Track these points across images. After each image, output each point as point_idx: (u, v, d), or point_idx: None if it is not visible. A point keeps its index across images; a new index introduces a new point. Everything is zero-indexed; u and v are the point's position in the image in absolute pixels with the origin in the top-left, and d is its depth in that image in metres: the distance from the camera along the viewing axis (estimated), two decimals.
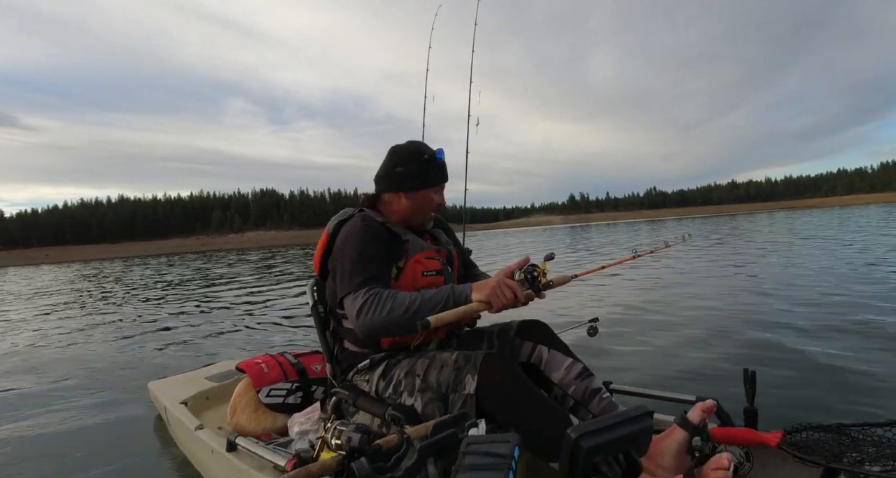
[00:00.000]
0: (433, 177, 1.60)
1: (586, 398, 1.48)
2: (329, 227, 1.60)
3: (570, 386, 1.50)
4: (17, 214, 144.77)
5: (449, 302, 1.40)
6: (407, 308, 1.36)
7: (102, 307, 9.17)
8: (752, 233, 18.47)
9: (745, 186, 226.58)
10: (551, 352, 1.55)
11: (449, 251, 1.71)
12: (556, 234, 37.47)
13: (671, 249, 1.94)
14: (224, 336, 5.37)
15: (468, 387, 1.32)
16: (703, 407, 1.32)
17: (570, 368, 1.52)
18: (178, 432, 2.26)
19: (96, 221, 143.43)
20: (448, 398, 1.35)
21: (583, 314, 4.92)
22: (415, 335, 1.52)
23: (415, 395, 1.40)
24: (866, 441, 1.21)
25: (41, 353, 5.26)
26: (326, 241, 1.60)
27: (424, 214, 1.65)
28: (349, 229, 1.54)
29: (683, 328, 4.19)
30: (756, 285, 6.19)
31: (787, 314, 4.39)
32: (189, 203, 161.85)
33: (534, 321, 1.65)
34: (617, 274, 7.95)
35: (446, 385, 1.36)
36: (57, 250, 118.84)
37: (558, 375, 1.52)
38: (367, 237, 1.50)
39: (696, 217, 75.51)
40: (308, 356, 2.18)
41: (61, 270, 34.33)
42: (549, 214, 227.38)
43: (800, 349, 3.35)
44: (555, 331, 1.66)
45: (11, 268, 59.29)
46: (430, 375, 1.40)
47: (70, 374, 4.17)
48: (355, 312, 1.38)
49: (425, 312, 1.36)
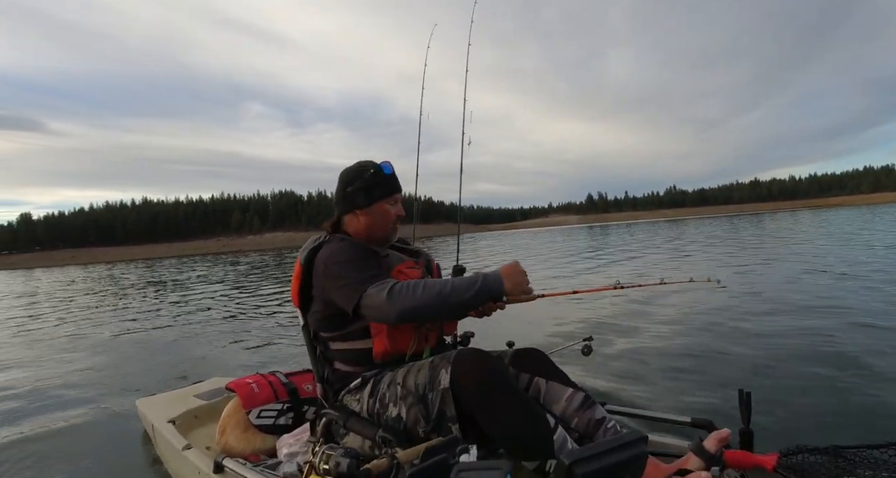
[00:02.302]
0: (382, 189, 1.63)
1: (590, 430, 1.46)
2: (301, 258, 1.61)
3: (573, 419, 1.48)
4: (44, 217, 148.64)
5: (481, 286, 1.40)
6: (439, 291, 1.38)
7: (96, 316, 9.16)
8: (787, 234, 17.59)
9: (767, 185, 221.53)
10: (549, 383, 1.53)
11: (428, 261, 1.75)
12: (571, 234, 36.86)
13: (663, 287, 1.86)
14: (216, 351, 5.34)
15: (443, 381, 1.33)
16: (719, 436, 1.32)
17: (570, 398, 1.49)
18: (165, 452, 2.26)
19: (120, 224, 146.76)
20: (427, 398, 1.36)
21: (579, 330, 4.85)
22: (408, 344, 1.53)
23: (398, 404, 1.42)
24: (862, 464, 1.21)
25: (26, 360, 5.28)
26: (301, 272, 1.60)
27: (385, 228, 1.67)
28: (330, 250, 1.55)
29: (682, 346, 4.11)
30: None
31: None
32: (210, 205, 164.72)
33: (530, 350, 1.62)
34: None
35: (423, 385, 1.37)
36: (82, 252, 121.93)
37: (559, 407, 1.49)
38: (351, 250, 1.54)
39: (716, 216, 74.08)
40: (300, 375, 2.18)
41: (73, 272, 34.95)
42: (566, 213, 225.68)
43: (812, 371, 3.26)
44: (549, 350, 1.66)
45: (38, 269, 60.71)
46: (408, 380, 1.42)
47: (55, 387, 4.17)
48: (385, 295, 1.37)
49: (458, 295, 1.37)
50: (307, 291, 1.60)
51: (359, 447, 1.44)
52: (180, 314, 8.46)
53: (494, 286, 1.41)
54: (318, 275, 1.54)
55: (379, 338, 1.51)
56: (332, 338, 1.59)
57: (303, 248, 1.63)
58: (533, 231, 72.67)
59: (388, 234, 1.69)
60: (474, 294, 1.39)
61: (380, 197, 1.63)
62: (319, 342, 1.65)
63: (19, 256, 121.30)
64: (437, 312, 1.40)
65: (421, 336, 1.57)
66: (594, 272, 10.14)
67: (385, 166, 1.64)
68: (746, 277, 7.73)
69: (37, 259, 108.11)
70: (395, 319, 1.39)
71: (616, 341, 4.33)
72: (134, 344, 6.06)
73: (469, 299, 1.39)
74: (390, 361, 1.54)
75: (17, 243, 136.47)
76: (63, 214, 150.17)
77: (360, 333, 1.53)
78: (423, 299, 1.36)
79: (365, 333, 1.53)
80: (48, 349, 6.09)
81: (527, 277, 1.46)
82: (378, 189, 1.62)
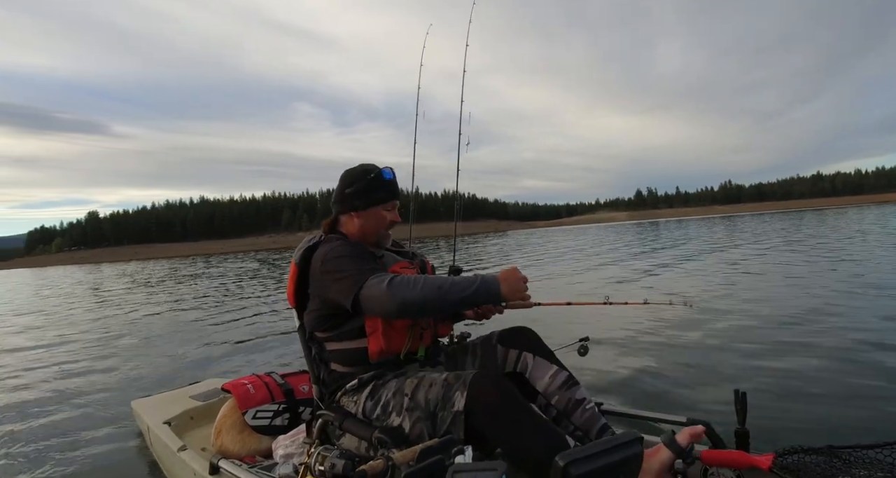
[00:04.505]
0: (380, 194, 1.66)
1: (569, 409, 1.50)
2: (295, 259, 1.63)
3: (554, 396, 1.52)
4: (110, 215, 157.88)
5: (479, 286, 1.42)
6: (439, 286, 1.40)
7: (110, 313, 9.30)
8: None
9: (831, 179, 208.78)
10: (536, 359, 1.57)
11: (422, 262, 1.78)
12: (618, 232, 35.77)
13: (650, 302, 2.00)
14: (214, 351, 5.33)
15: (457, 404, 1.33)
16: (692, 431, 1.35)
17: (554, 376, 1.54)
18: (161, 453, 2.28)
19: (179, 221, 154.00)
20: (437, 417, 1.36)
21: (576, 330, 4.73)
22: (402, 343, 1.55)
23: (402, 414, 1.42)
24: (858, 463, 1.21)
25: (28, 359, 5.34)
26: (297, 272, 1.63)
27: (378, 232, 1.70)
28: (328, 248, 1.57)
29: (680, 346, 4.09)
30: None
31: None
32: (262, 203, 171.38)
33: (519, 328, 1.66)
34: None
35: (435, 403, 1.37)
36: (144, 248, 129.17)
37: (543, 383, 1.54)
38: (349, 248, 1.56)
39: (775, 212, 70.58)
40: (296, 376, 2.19)
41: (133, 267, 36.48)
42: (613, 210, 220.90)
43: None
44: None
45: (105, 264, 64.29)
46: (418, 393, 1.42)
47: (51, 387, 4.20)
48: (385, 286, 1.39)
49: (456, 291, 1.39)
50: (303, 290, 1.62)
51: (354, 448, 1.44)
52: (198, 308, 8.63)
53: (492, 289, 1.43)
54: (316, 272, 1.55)
55: (374, 337, 1.53)
56: (328, 338, 1.60)
57: (298, 248, 1.65)
58: (581, 228, 71.31)
59: (380, 238, 1.71)
60: (472, 293, 1.41)
61: (377, 201, 1.66)
62: (315, 343, 1.66)
63: (88, 251, 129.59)
64: (435, 306, 1.41)
65: (416, 336, 1.58)
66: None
67: (386, 172, 1.67)
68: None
69: (104, 254, 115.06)
70: (395, 310, 1.39)
71: (613, 342, 4.31)
72: (135, 343, 6.08)
73: (467, 298, 1.41)
74: (385, 361, 1.56)
75: (86, 239, 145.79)
76: (127, 213, 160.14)
77: (356, 332, 1.55)
78: (423, 292, 1.38)
79: (360, 332, 1.54)
80: (47, 348, 6.12)
81: (525, 284, 1.48)
82: (376, 193, 1.65)
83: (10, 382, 4.59)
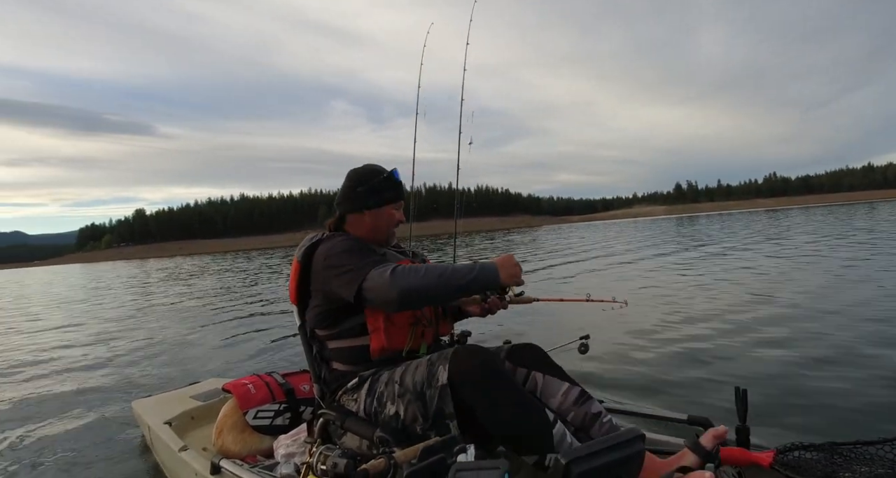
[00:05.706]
0: (392, 194, 1.71)
1: (586, 424, 1.50)
2: (297, 256, 1.64)
3: (569, 412, 1.52)
4: (156, 212, 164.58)
5: (478, 273, 1.46)
6: (440, 274, 1.43)
7: (116, 312, 9.36)
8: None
9: (882, 170, 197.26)
10: (546, 378, 1.57)
11: (423, 261, 1.81)
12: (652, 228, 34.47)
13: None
14: (214, 351, 5.33)
15: (441, 378, 1.37)
16: (716, 433, 1.34)
17: (567, 393, 1.54)
18: (162, 453, 2.29)
19: (220, 218, 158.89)
20: (425, 395, 1.39)
21: (576, 328, 4.66)
22: (404, 341, 1.57)
23: (395, 401, 1.45)
24: (858, 460, 1.23)
25: (28, 359, 5.37)
26: (299, 269, 1.64)
27: (387, 231, 1.73)
28: (331, 244, 1.59)
29: (680, 343, 4.09)
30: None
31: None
32: (299, 200, 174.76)
33: (527, 345, 1.66)
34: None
35: (421, 383, 1.41)
36: (188, 243, 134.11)
37: (555, 401, 1.54)
38: (352, 243, 1.59)
39: (823, 206, 67.52)
40: (297, 375, 2.19)
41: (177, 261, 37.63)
42: (651, 204, 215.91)
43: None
44: (546, 348, 1.67)
45: (151, 259, 66.89)
46: (406, 377, 1.45)
47: (51, 387, 4.21)
48: (388, 275, 1.42)
49: (457, 278, 1.43)
50: (305, 288, 1.64)
51: (356, 447, 1.46)
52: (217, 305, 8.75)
53: (491, 274, 1.46)
54: (318, 267, 1.57)
55: (376, 334, 1.54)
56: (329, 336, 1.61)
57: (300, 245, 1.66)
58: (616, 222, 70.03)
59: (389, 237, 1.75)
60: (472, 279, 1.44)
61: (388, 201, 1.70)
62: (316, 342, 1.67)
63: (135, 247, 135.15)
64: (437, 293, 1.44)
65: (417, 333, 1.60)
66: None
67: (395, 173, 1.71)
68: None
69: (150, 250, 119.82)
70: (398, 298, 1.40)
71: (614, 339, 4.30)
72: (137, 344, 6.07)
73: (467, 284, 1.44)
74: (387, 358, 1.57)
75: (133, 236, 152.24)
76: (172, 210, 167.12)
77: (357, 330, 1.57)
78: (425, 280, 1.41)
79: (362, 329, 1.56)
80: (47, 346, 6.11)
81: (520, 269, 1.52)
82: (387, 193, 1.70)
83: (11, 381, 4.60)
